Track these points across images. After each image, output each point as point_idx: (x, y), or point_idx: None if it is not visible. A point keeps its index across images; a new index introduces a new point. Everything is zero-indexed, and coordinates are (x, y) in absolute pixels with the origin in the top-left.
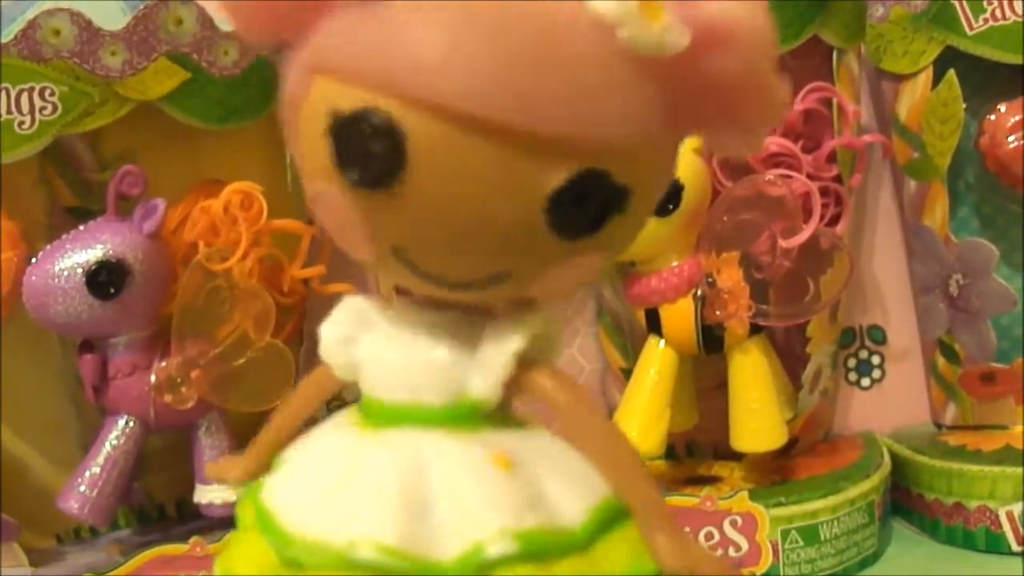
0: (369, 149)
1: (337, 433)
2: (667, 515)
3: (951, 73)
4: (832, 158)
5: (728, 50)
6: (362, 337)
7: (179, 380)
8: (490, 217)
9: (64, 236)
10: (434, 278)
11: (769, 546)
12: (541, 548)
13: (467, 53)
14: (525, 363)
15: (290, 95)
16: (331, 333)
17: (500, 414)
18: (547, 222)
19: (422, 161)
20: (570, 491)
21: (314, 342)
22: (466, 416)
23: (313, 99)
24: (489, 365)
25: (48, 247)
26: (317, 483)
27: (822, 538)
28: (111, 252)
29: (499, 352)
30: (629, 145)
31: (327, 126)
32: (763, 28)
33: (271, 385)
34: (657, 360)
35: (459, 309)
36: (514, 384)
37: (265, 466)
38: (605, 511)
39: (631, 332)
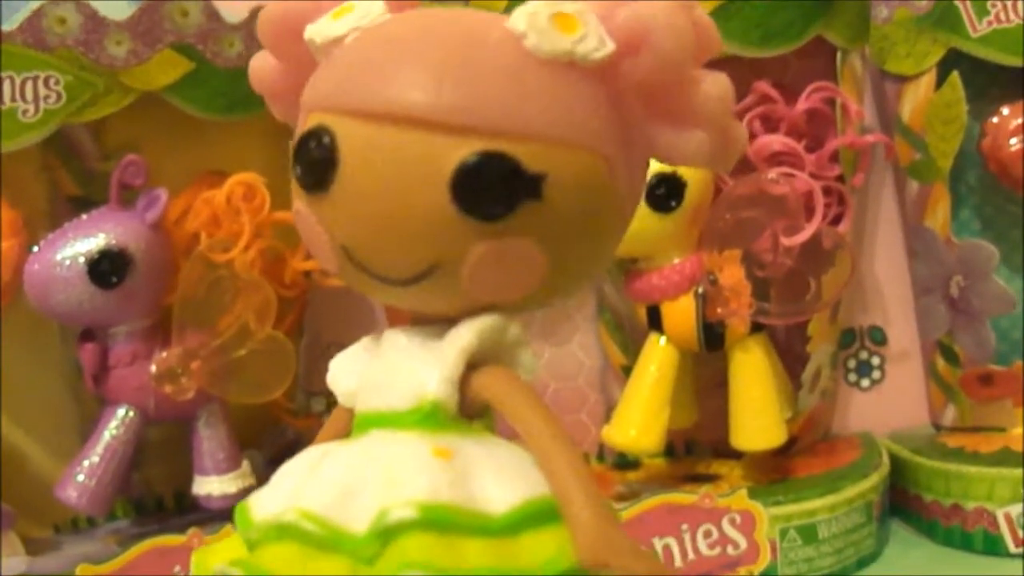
0: (311, 156)
1: (325, 446)
2: (597, 507)
3: (955, 75)
4: (835, 157)
5: (644, 52)
6: (359, 366)
7: (179, 371)
8: (408, 202)
9: (66, 225)
10: (379, 276)
11: (767, 544)
12: (446, 521)
13: (386, 67)
14: (477, 363)
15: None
16: (337, 364)
17: (467, 423)
18: (455, 202)
19: (349, 159)
20: (503, 485)
21: (315, 335)
22: (428, 417)
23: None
24: (441, 363)
25: (50, 236)
26: (290, 479)
27: (820, 537)
28: (113, 241)
29: (450, 351)
30: (529, 134)
31: (293, 149)
32: (679, 27)
33: (271, 377)
34: (658, 357)
35: (434, 323)
36: (467, 384)
37: None
38: (539, 506)
39: (632, 329)
